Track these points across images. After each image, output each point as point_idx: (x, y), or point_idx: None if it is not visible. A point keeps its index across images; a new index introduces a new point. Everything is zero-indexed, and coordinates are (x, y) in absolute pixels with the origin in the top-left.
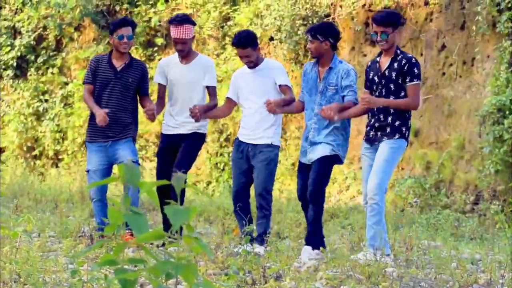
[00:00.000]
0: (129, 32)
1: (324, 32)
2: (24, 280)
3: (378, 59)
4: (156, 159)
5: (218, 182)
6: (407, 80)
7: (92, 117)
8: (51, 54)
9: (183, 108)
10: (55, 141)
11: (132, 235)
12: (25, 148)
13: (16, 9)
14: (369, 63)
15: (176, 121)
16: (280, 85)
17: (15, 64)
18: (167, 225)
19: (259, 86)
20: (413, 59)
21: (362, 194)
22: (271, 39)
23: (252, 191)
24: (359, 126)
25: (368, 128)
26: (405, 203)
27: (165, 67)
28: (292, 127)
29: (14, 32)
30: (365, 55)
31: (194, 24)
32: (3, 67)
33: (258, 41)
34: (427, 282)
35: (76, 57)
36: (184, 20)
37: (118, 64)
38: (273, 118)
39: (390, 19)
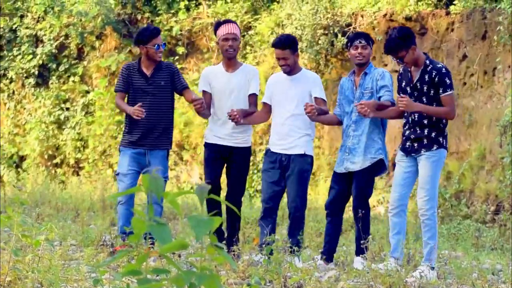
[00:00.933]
0: (161, 41)
1: (372, 40)
2: None
3: (409, 68)
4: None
5: None
6: (441, 91)
7: (129, 121)
8: (72, 62)
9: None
10: (76, 149)
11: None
12: (46, 156)
13: (38, 17)
14: (401, 70)
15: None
16: (316, 98)
17: (36, 72)
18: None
19: (295, 94)
20: (443, 69)
21: (390, 200)
22: None
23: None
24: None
25: (404, 138)
26: None
27: (209, 76)
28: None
29: (36, 41)
30: (385, 65)
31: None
32: (25, 75)
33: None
34: None
35: (97, 65)
36: (229, 20)
37: (148, 71)
38: (306, 127)
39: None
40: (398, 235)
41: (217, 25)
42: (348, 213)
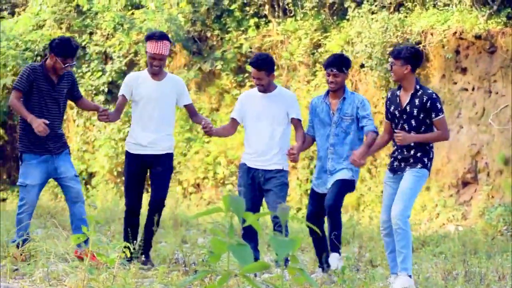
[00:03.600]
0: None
1: (347, 65)
2: None
3: (398, 92)
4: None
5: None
6: (433, 115)
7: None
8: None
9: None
10: None
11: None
12: (115, 173)
13: (108, 34)
14: (389, 95)
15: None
16: (292, 118)
17: (106, 89)
18: None
19: (269, 112)
20: (434, 94)
21: (380, 221)
22: (362, 66)
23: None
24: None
25: (392, 159)
26: (495, 231)
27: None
28: (382, 154)
29: (106, 58)
30: (455, 83)
31: (170, 42)
32: (94, 92)
33: (349, 69)
34: None
35: None
36: (162, 36)
37: (54, 78)
38: (282, 144)
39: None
40: (392, 253)
41: (147, 38)
42: (419, 230)
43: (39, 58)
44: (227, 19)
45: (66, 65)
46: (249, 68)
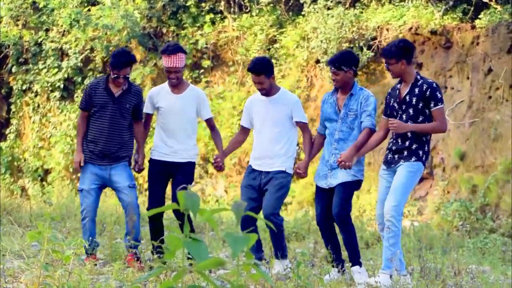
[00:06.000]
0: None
1: (348, 62)
2: None
3: (398, 86)
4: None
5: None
6: (432, 105)
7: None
8: (98, 76)
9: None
10: None
11: (137, 259)
12: (71, 170)
13: (64, 31)
14: (390, 90)
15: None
16: (297, 122)
17: (62, 86)
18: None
19: (273, 116)
20: (434, 84)
21: (376, 216)
22: (318, 61)
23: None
24: None
25: (387, 151)
26: (451, 227)
27: (155, 97)
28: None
29: (61, 54)
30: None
31: (185, 53)
32: (50, 88)
33: (305, 63)
34: None
35: None
36: (176, 49)
37: (116, 91)
38: (287, 147)
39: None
40: (394, 247)
41: (162, 52)
42: (374, 226)
43: None
44: (183, 15)
45: (115, 76)
46: (205, 63)
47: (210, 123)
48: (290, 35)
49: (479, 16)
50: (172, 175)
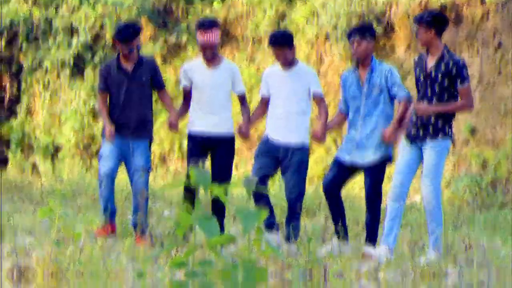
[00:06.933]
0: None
1: (371, 32)
2: (88, 280)
3: (425, 56)
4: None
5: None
6: (458, 82)
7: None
8: (107, 52)
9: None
10: None
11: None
12: (81, 147)
13: (74, 7)
14: (416, 59)
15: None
16: (315, 93)
17: (72, 62)
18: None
19: (292, 89)
20: (461, 61)
21: (391, 186)
22: (327, 37)
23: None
24: None
25: (411, 124)
26: (461, 202)
27: (189, 72)
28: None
29: (71, 31)
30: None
31: (220, 27)
32: (60, 65)
33: (314, 39)
34: (488, 282)
35: None
36: (211, 24)
37: (129, 67)
38: (304, 120)
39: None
40: (394, 220)
41: (198, 27)
42: (382, 203)
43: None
44: None
45: (125, 50)
46: None
47: (242, 97)
48: (299, 10)
49: None
50: (212, 149)
